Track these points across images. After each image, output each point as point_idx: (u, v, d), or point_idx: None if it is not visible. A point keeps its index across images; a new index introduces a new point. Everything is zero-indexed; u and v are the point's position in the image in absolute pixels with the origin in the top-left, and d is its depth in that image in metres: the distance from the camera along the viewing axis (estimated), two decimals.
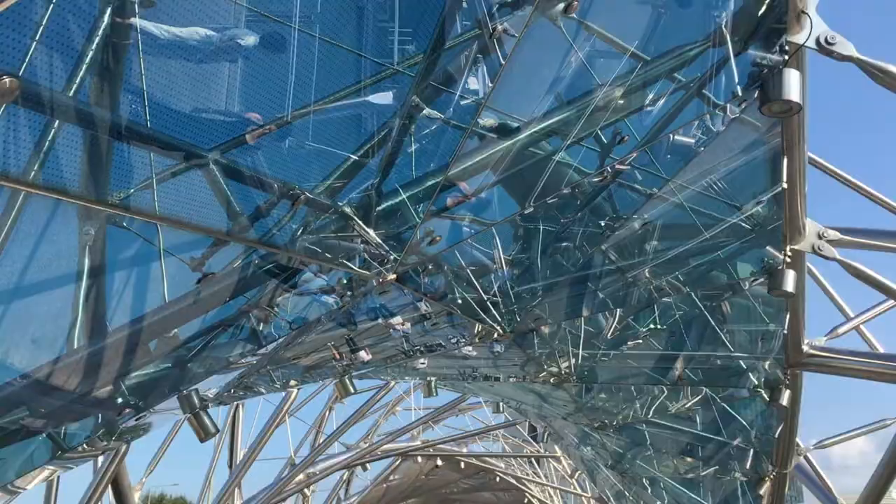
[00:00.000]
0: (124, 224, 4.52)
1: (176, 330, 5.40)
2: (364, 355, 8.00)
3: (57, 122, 3.45)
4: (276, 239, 4.61)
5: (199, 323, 5.38)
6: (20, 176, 3.37)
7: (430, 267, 6.20)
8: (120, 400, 5.39)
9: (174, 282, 4.93)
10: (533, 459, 37.51)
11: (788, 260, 7.30)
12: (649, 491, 16.89)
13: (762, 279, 7.62)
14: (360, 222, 4.85)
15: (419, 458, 29.59)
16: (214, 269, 4.75)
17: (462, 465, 31.95)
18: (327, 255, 5.01)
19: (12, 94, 2.93)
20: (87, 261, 4.63)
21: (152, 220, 4.06)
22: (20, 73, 2.99)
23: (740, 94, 5.01)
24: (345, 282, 5.62)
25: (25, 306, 4.88)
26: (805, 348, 9.06)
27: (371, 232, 4.86)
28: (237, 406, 20.62)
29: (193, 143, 3.88)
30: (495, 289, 7.44)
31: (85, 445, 6.59)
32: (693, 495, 15.23)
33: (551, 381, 11.02)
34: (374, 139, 4.72)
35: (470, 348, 9.31)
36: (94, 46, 3.39)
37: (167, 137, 3.76)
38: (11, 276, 4.63)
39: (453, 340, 9.17)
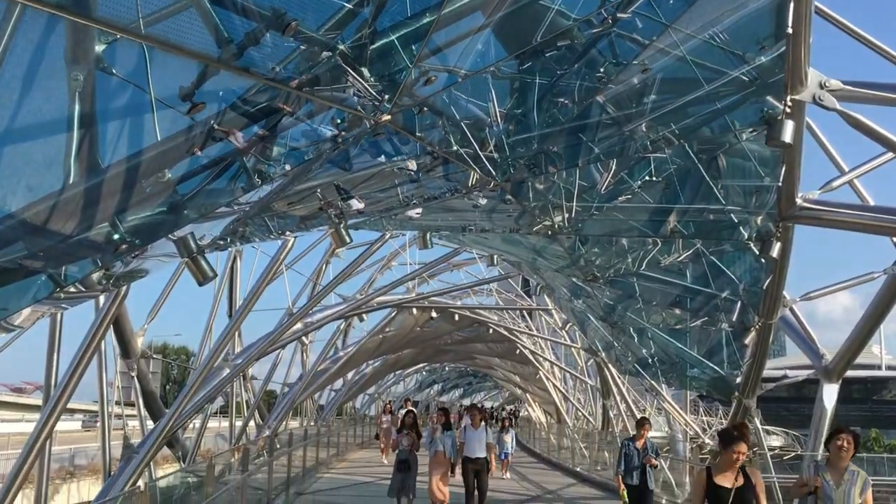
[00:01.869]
0: (113, 71, 4.45)
1: (169, 174, 5.40)
2: (357, 203, 8.02)
3: None
4: (268, 73, 4.53)
5: (192, 163, 5.37)
6: None
7: (425, 110, 6.13)
8: (116, 237, 5.45)
9: (166, 129, 4.90)
10: (525, 313, 38.53)
11: (788, 110, 7.22)
12: (636, 340, 17.42)
13: (760, 130, 7.56)
14: (355, 65, 4.76)
15: (414, 311, 30.36)
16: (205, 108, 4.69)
17: (456, 317, 32.84)
18: (322, 93, 4.95)
19: None
20: (77, 107, 4.57)
21: (139, 39, 3.98)
22: None
23: None
24: (339, 121, 5.57)
25: (18, 153, 4.85)
26: (798, 201, 9.14)
27: (366, 73, 4.78)
28: (235, 258, 20.98)
29: None
30: (491, 140, 7.39)
31: (83, 287, 6.70)
32: (679, 344, 15.72)
33: (548, 233, 11.13)
34: None
35: (465, 199, 9.33)
36: None
37: None
38: (1, 122, 4.58)
39: (447, 193, 9.17)
